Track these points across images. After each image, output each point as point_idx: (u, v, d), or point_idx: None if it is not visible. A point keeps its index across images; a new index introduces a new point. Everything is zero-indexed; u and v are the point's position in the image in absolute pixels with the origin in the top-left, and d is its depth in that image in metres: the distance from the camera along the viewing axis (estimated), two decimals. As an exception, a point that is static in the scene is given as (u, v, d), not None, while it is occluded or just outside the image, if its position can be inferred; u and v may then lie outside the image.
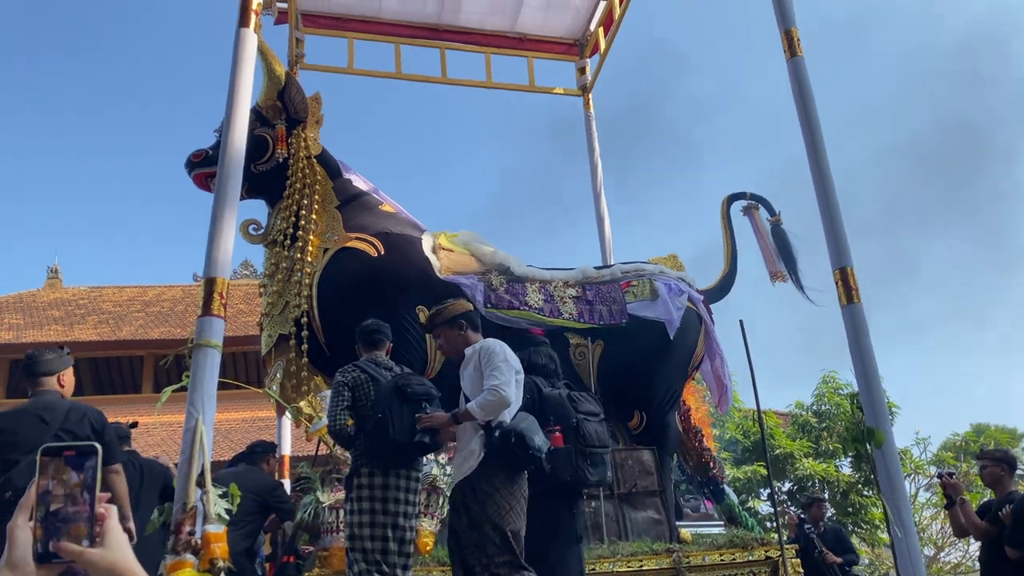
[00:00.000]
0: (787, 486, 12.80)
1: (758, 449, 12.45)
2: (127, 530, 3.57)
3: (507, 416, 3.62)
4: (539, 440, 3.50)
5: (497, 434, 3.48)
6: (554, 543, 3.89)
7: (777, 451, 12.44)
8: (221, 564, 3.28)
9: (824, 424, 13.43)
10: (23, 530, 1.03)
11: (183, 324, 18.77)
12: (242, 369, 17.60)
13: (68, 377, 4.06)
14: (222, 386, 4.75)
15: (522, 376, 3.82)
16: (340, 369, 3.97)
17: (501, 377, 3.55)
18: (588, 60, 8.80)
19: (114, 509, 1.07)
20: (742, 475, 11.58)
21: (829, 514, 12.73)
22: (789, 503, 12.92)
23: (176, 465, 5.61)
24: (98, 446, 1.06)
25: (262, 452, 5.82)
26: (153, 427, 14.04)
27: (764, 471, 12.21)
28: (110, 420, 4.13)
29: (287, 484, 6.98)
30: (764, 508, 12.62)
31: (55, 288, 20.66)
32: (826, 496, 12.78)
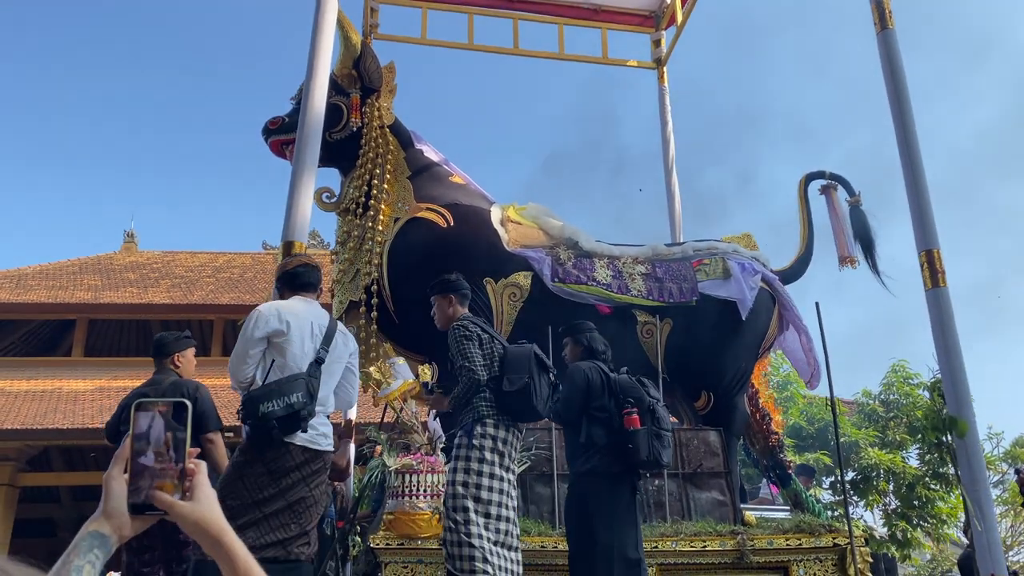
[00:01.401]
0: (850, 475, 12.51)
1: (822, 436, 12.21)
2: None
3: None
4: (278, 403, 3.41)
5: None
6: (615, 522, 3.93)
7: (842, 439, 12.16)
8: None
9: (892, 414, 13.06)
10: (118, 481, 1.06)
11: (252, 290, 19.23)
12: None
13: (185, 357, 4.52)
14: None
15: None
16: (459, 323, 4.01)
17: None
18: (663, 32, 8.62)
19: (203, 465, 1.09)
20: (804, 462, 11.35)
21: (893, 506, 12.43)
22: (852, 493, 12.65)
23: None
24: (188, 403, 1.09)
25: None
26: (222, 389, 14.49)
27: (827, 459, 11.99)
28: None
29: (352, 449, 7.12)
30: (825, 496, 12.37)
31: (131, 252, 21.35)
32: (891, 487, 12.47)
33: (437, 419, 5.26)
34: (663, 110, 8.46)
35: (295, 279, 3.76)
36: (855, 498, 12.55)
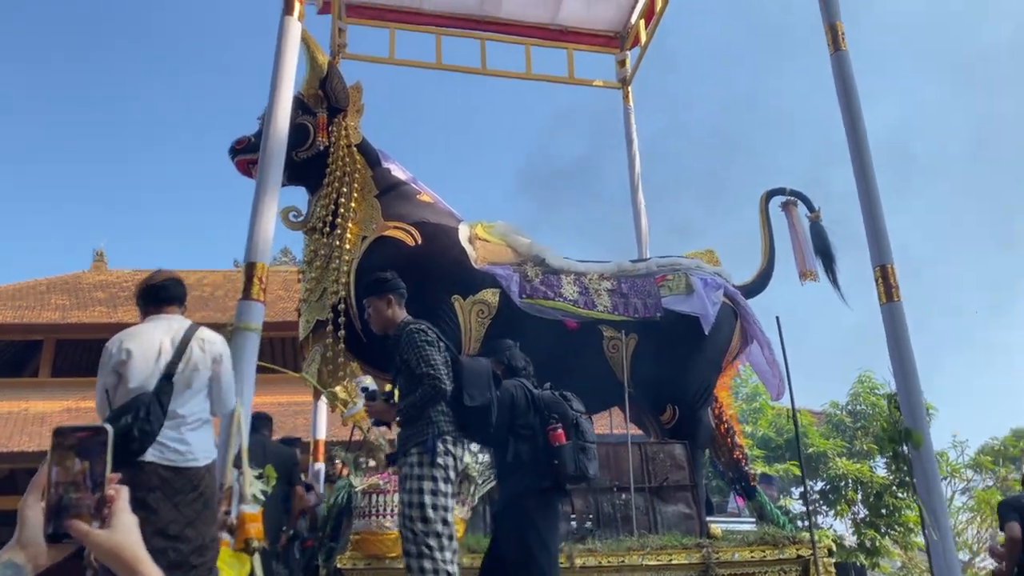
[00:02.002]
0: (819, 485, 12.66)
1: (791, 447, 12.33)
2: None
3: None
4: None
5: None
6: (550, 541, 3.91)
7: (810, 450, 12.30)
8: (256, 544, 3.34)
9: (859, 424, 13.24)
10: (34, 510, 1.04)
11: (223, 309, 19.06)
12: (279, 354, 17.84)
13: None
14: (260, 370, 4.85)
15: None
16: (417, 327, 3.76)
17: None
18: (628, 53, 8.76)
19: (124, 491, 1.08)
20: (774, 473, 11.46)
21: (861, 515, 12.59)
22: (821, 502, 12.79)
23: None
24: (108, 427, 1.07)
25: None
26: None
27: (797, 470, 12.11)
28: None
29: (321, 468, 7.10)
30: (796, 507, 12.50)
31: (100, 270, 21.10)
32: (859, 496, 12.63)
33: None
34: (628, 129, 8.58)
35: (157, 294, 3.63)
36: (824, 508, 12.71)
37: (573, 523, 5.14)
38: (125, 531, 1.05)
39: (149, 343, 3.40)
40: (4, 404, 15.35)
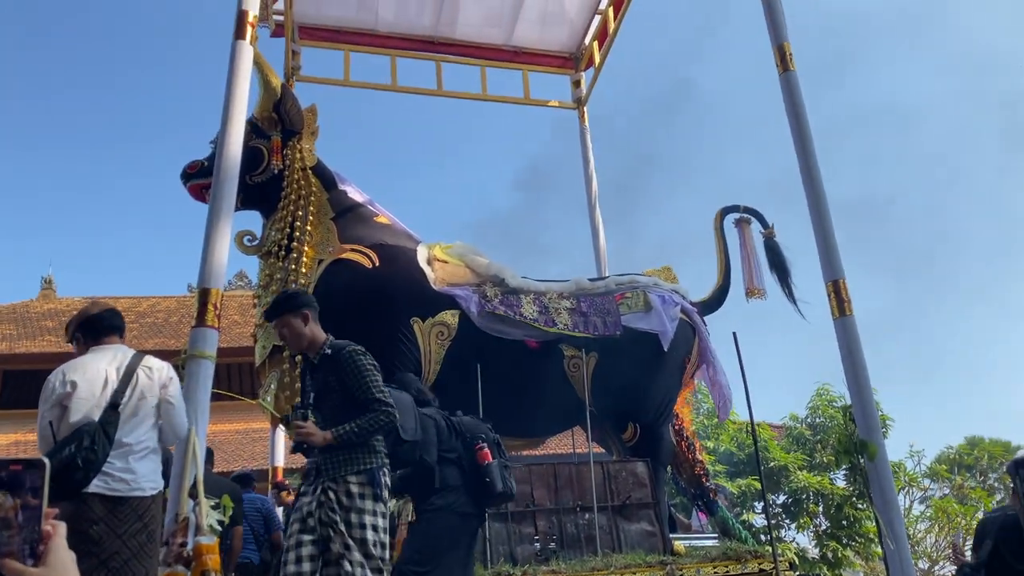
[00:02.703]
0: (781, 499, 12.78)
1: (752, 462, 12.44)
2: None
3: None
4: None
5: None
6: (469, 562, 3.98)
7: (771, 464, 12.43)
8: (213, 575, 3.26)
9: (818, 437, 13.44)
10: None
11: (177, 335, 18.74)
12: (236, 380, 17.54)
13: None
14: (216, 397, 4.74)
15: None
16: (361, 350, 3.54)
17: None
18: (583, 74, 8.85)
19: (61, 527, 1.05)
20: (736, 488, 11.56)
21: (823, 527, 12.73)
22: (784, 515, 12.91)
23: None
24: (46, 461, 1.04)
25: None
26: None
27: (758, 484, 12.21)
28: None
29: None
30: (758, 521, 12.59)
31: (49, 299, 20.60)
32: (820, 509, 12.78)
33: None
34: (584, 149, 8.66)
35: (97, 325, 3.57)
36: (787, 521, 12.82)
37: (536, 544, 5.12)
38: (61, 569, 1.02)
39: (94, 374, 3.33)
40: (-51, 438, 14.84)
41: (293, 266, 5.58)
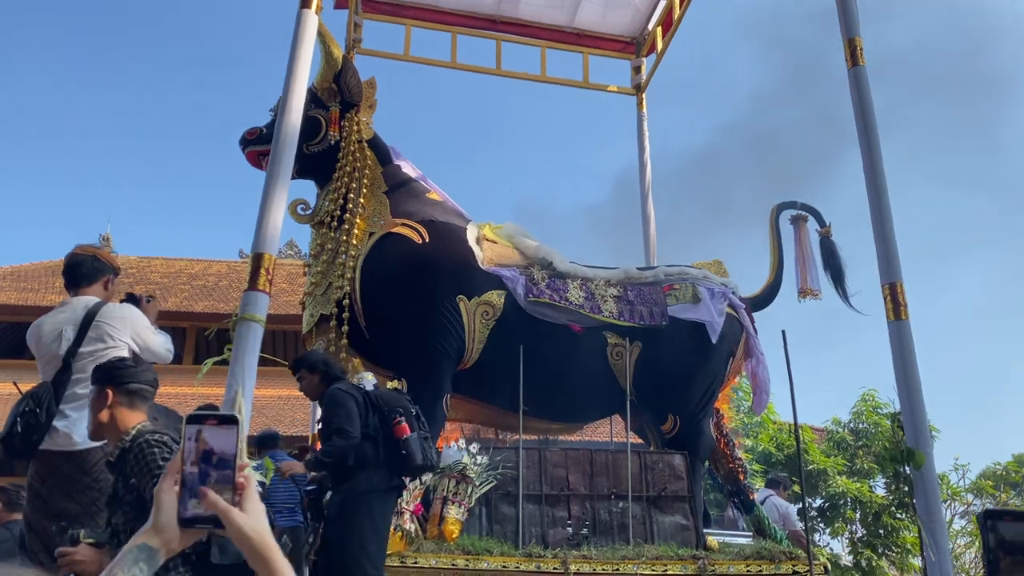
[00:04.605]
0: (818, 503, 12.60)
1: (791, 463, 12.27)
2: None
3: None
4: None
5: None
6: (385, 540, 4.09)
7: (810, 466, 12.24)
8: None
9: (860, 443, 13.18)
10: (169, 494, 1.07)
11: (226, 299, 19.12)
12: (281, 347, 17.87)
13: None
14: (262, 362, 4.84)
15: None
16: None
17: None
18: (644, 59, 8.74)
19: (253, 479, 1.10)
20: (774, 475, 11.43)
21: (859, 534, 12.52)
22: (819, 520, 12.72)
23: None
24: (238, 416, 1.09)
25: None
26: (192, 398, 14.33)
27: (796, 487, 12.05)
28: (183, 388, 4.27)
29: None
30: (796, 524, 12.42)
31: (106, 256, 21.14)
32: (858, 516, 12.56)
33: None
34: (641, 136, 8.56)
35: (71, 272, 3.66)
36: (821, 525, 12.64)
37: (569, 529, 5.13)
38: (256, 516, 1.08)
39: (51, 331, 3.45)
40: (3, 386, 15.38)
41: (344, 237, 5.63)
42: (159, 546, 1.06)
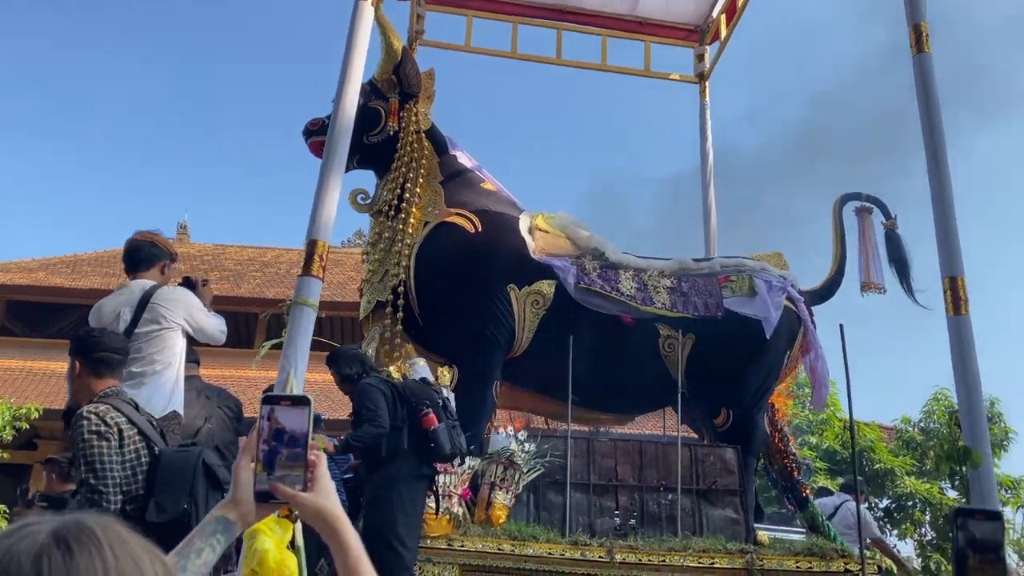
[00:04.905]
0: (885, 503, 12.26)
1: (856, 461, 11.98)
2: None
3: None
4: None
5: None
6: (417, 528, 4.23)
7: (877, 466, 11.92)
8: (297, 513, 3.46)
9: (931, 442, 12.77)
10: (246, 470, 1.15)
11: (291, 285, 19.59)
12: (348, 334, 18.23)
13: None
14: (319, 347, 4.97)
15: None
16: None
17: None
18: (707, 47, 8.60)
19: (324, 457, 1.16)
20: (835, 487, 11.16)
21: (928, 537, 12.14)
22: (886, 521, 12.38)
23: None
24: (310, 397, 1.16)
25: None
26: (263, 382, 14.81)
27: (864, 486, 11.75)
28: (223, 372, 4.55)
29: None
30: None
31: (183, 243, 21.91)
32: (927, 518, 12.18)
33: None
34: (703, 125, 8.43)
35: (130, 256, 3.86)
36: (888, 526, 12.30)
37: (617, 519, 5.13)
38: (327, 493, 1.14)
39: (110, 313, 3.64)
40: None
41: (400, 226, 5.74)
42: (236, 519, 1.13)
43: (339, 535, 1.12)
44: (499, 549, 4.70)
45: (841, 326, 5.21)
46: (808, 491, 5.87)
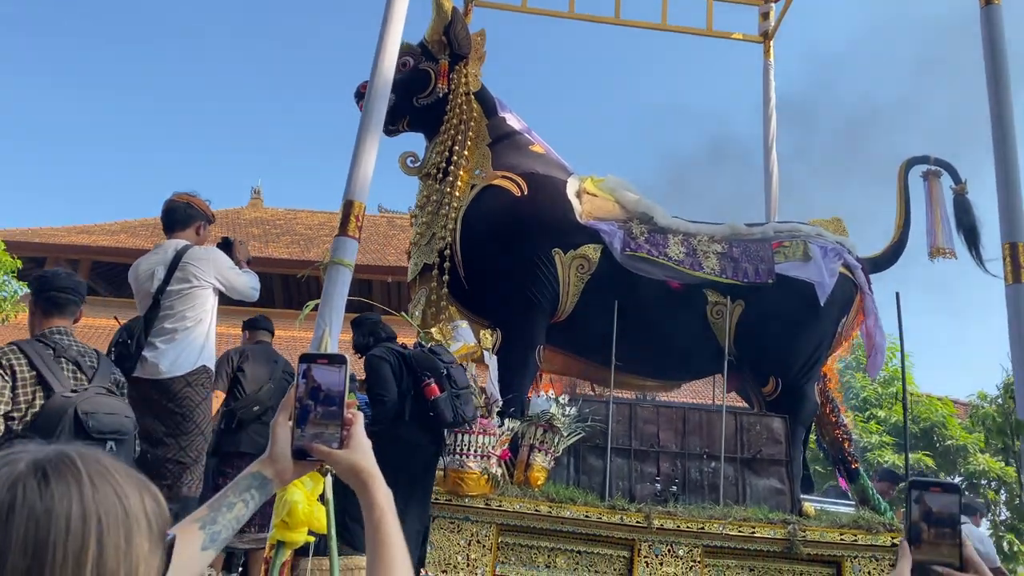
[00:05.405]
0: (957, 480, 11.84)
1: (926, 437, 11.57)
2: None
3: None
4: None
5: None
6: (418, 492, 4.21)
7: (948, 442, 11.49)
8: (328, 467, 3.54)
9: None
10: (283, 428, 1.17)
11: (363, 251, 19.90)
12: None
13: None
14: (359, 307, 5.04)
15: None
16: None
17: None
18: (772, 5, 8.27)
19: (360, 416, 1.18)
20: (902, 462, 10.82)
21: (1002, 517, 11.70)
22: (958, 499, 11.96)
23: None
24: (346, 356, 1.17)
25: None
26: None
27: (929, 460, 11.37)
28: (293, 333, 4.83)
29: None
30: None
31: (257, 208, 22.52)
32: (1002, 497, 11.73)
33: (496, 383, 5.35)
34: (767, 86, 8.14)
35: (167, 218, 3.99)
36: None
37: (658, 485, 5.09)
38: (362, 451, 1.16)
39: (145, 271, 3.80)
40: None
41: (448, 189, 5.74)
42: (272, 476, 1.15)
43: (369, 491, 1.13)
44: (536, 510, 4.72)
45: (897, 294, 5.03)
46: (857, 464, 5.69)
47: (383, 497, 1.13)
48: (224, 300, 4.19)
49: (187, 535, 1.05)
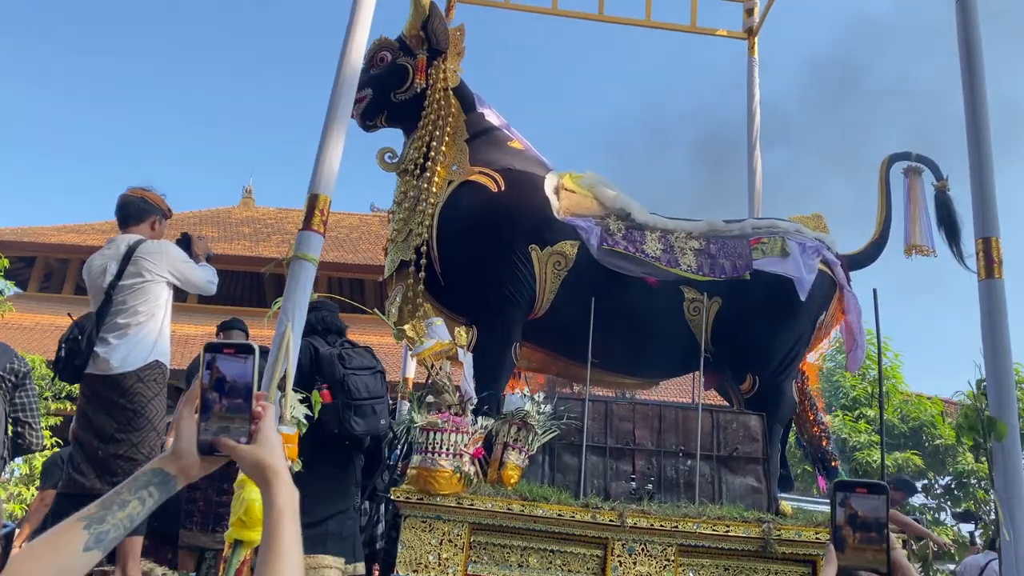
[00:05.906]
0: (945, 480, 11.81)
1: (915, 436, 11.53)
2: None
3: None
4: None
5: None
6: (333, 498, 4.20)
7: (937, 441, 11.46)
8: (289, 464, 3.48)
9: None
10: (187, 422, 1.11)
11: (356, 250, 19.90)
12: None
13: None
14: (353, 310, 4.98)
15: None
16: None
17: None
18: (757, 1, 8.24)
19: (270, 408, 1.13)
20: (890, 461, 10.77)
21: (992, 516, 11.66)
22: (947, 499, 11.95)
23: None
24: (256, 346, 1.12)
25: None
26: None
27: (918, 459, 11.32)
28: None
29: (405, 406, 7.28)
30: (917, 500, 11.73)
31: (248, 207, 22.47)
32: (992, 496, 11.70)
33: (472, 381, 5.30)
34: (751, 82, 8.12)
35: (120, 212, 4.01)
36: (948, 504, 11.86)
37: (632, 483, 5.04)
38: (268, 448, 1.11)
39: (98, 267, 3.77)
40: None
41: (425, 185, 5.69)
42: (176, 472, 1.09)
43: (271, 490, 1.08)
44: (509, 509, 4.66)
45: (875, 291, 4.98)
46: (836, 462, 5.64)
47: (285, 497, 1.08)
48: (207, 300, 4.16)
49: (69, 534, 0.99)
